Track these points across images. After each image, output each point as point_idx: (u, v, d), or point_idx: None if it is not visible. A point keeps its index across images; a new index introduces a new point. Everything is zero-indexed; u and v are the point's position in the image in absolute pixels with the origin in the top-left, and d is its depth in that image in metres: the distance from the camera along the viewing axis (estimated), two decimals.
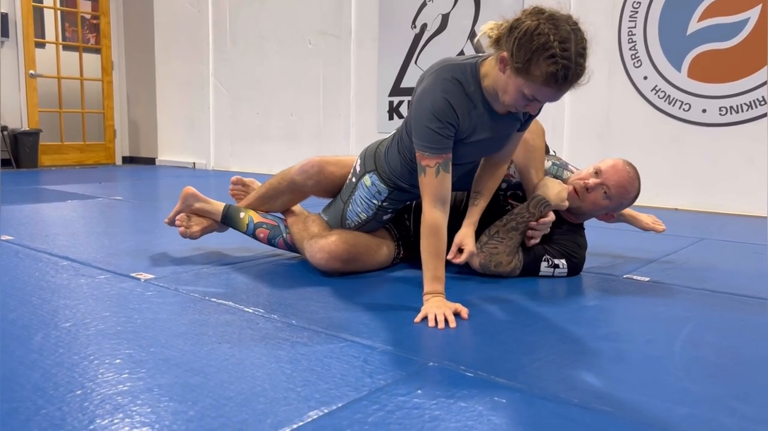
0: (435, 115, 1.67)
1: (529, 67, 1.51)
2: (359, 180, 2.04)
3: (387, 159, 1.96)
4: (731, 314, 1.74)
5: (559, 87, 1.54)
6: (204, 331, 1.49)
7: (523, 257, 2.07)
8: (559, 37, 1.48)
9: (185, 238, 2.29)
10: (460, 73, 1.70)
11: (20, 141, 6.53)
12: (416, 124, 1.72)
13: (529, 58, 1.49)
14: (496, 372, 1.28)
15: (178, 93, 7.12)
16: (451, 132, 1.70)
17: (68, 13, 7.45)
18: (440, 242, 1.71)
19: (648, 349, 1.44)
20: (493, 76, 1.67)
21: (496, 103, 1.74)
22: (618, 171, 2.08)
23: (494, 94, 1.70)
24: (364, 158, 2.05)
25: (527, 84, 1.54)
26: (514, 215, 2.03)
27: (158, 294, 1.80)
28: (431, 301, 1.66)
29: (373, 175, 2.00)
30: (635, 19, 4.13)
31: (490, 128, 1.78)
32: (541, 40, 1.48)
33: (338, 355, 1.35)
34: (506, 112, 1.77)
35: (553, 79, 1.51)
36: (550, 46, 1.47)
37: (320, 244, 2.00)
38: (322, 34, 5.80)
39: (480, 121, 1.75)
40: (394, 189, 1.99)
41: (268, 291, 1.86)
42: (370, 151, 2.05)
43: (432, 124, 1.67)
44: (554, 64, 1.49)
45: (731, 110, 3.83)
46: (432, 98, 1.68)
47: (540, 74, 1.50)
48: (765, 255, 2.57)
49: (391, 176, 1.97)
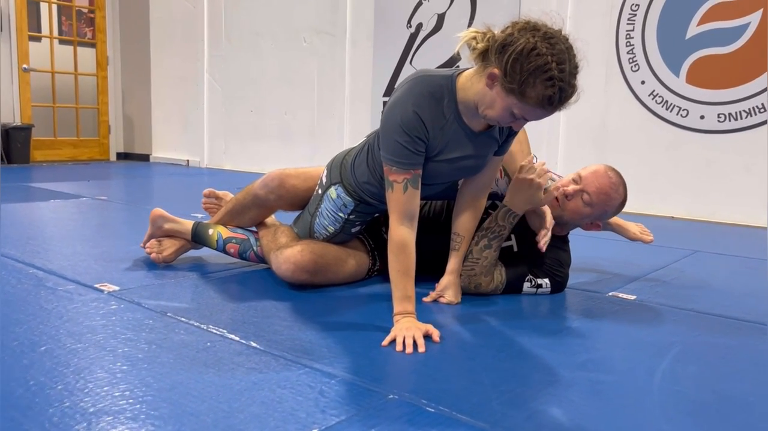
0: (403, 128, 1.59)
1: (524, 89, 1.43)
2: (325, 192, 1.95)
3: (354, 172, 1.88)
4: (717, 339, 1.66)
5: (552, 109, 1.47)
6: (156, 355, 1.40)
7: (506, 275, 1.98)
8: (556, 59, 1.40)
9: (159, 263, 2.20)
10: (434, 86, 1.61)
11: (12, 136, 6.46)
12: (384, 136, 1.63)
13: (525, 80, 1.41)
14: (460, 407, 1.19)
15: (173, 89, 7.04)
16: (420, 147, 1.61)
17: (65, 6, 7.36)
18: (409, 259, 1.63)
19: (626, 381, 1.36)
20: (474, 91, 1.58)
21: (472, 119, 1.65)
22: (599, 177, 1.97)
23: (472, 108, 1.61)
24: (330, 168, 1.97)
25: (519, 104, 1.46)
26: (485, 231, 1.92)
27: (118, 310, 1.72)
28: (401, 322, 1.58)
29: (339, 187, 1.92)
30: (633, 22, 4.04)
31: (465, 146, 1.69)
32: (539, 61, 1.40)
33: (293, 385, 1.26)
34: (482, 129, 1.68)
35: (548, 102, 1.44)
36: (548, 69, 1.40)
37: (285, 254, 1.92)
38: (317, 32, 5.71)
39: (454, 137, 1.66)
40: (360, 202, 1.90)
41: (233, 307, 1.78)
42: (336, 161, 1.97)
43: (400, 137, 1.59)
44: (551, 87, 1.41)
45: (730, 116, 3.74)
46: (402, 111, 1.59)
47: (535, 96, 1.43)
48: (760, 271, 2.49)
49: (357, 190, 1.88)
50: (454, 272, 1.91)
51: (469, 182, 1.88)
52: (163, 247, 2.22)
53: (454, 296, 1.89)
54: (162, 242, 2.23)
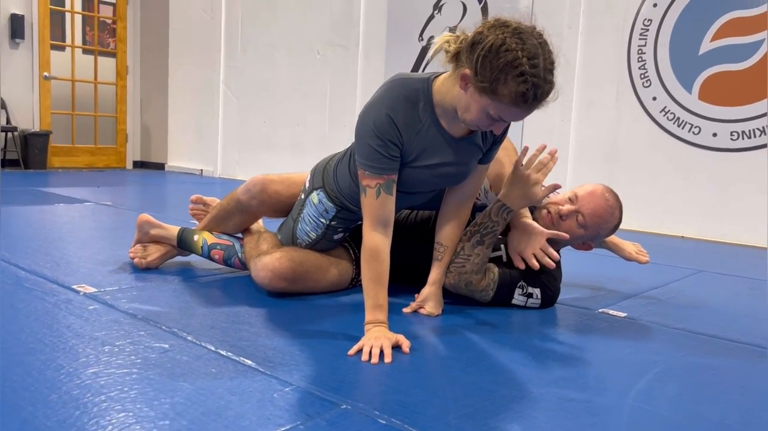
0: (376, 132, 1.54)
1: (496, 87, 1.38)
2: (307, 197, 1.92)
3: (336, 177, 1.84)
4: (704, 360, 1.58)
5: (528, 107, 1.41)
6: (110, 357, 1.37)
7: (498, 277, 1.92)
8: (527, 54, 1.35)
9: (143, 268, 2.18)
10: (410, 90, 1.58)
11: (30, 142, 6.55)
12: (358, 140, 1.60)
13: (496, 77, 1.37)
14: (414, 420, 1.14)
15: (189, 99, 7.10)
16: (394, 152, 1.57)
17: (89, 17, 7.49)
18: (381, 266, 1.58)
19: (597, 398, 1.29)
20: (452, 95, 1.54)
21: (451, 124, 1.61)
22: (595, 198, 1.91)
23: (451, 112, 1.57)
24: (314, 173, 1.93)
25: (493, 104, 1.41)
26: (477, 227, 1.85)
27: (88, 311, 1.69)
28: (371, 331, 1.53)
29: (321, 192, 1.88)
30: (645, 37, 3.97)
31: (445, 152, 1.64)
32: (508, 57, 1.35)
33: (244, 392, 1.22)
34: (463, 134, 1.63)
35: (522, 99, 1.38)
36: (519, 64, 1.35)
37: (263, 261, 1.88)
38: (331, 45, 5.72)
39: (431, 143, 1.61)
40: (342, 208, 1.86)
41: (206, 312, 1.74)
42: (320, 166, 1.93)
43: (373, 141, 1.55)
44: (524, 83, 1.36)
45: (743, 134, 3.64)
46: (375, 114, 1.55)
47: (508, 94, 1.38)
48: (763, 292, 2.39)
49: (339, 196, 1.84)
50: (436, 282, 1.86)
51: (454, 191, 1.83)
52: (147, 252, 2.20)
53: (435, 308, 1.83)
54: (147, 248, 2.21)
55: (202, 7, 6.82)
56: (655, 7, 3.93)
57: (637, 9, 4.00)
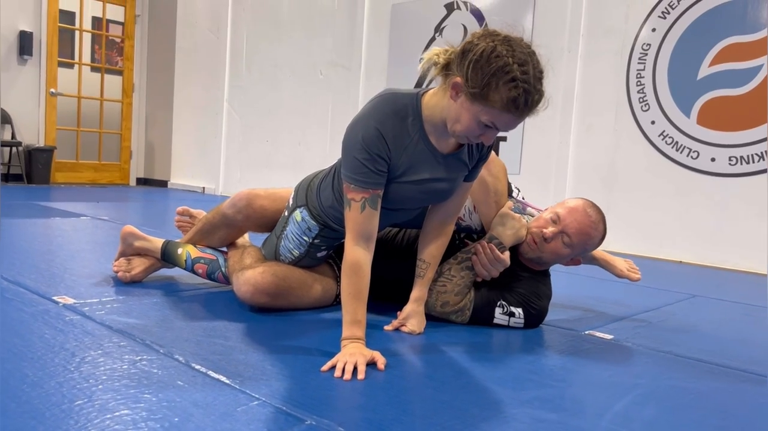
0: (364, 146, 1.53)
1: (487, 92, 1.38)
2: (290, 214, 1.90)
3: (319, 195, 1.83)
4: (688, 383, 1.54)
5: (519, 113, 1.42)
6: (83, 369, 1.35)
7: (474, 298, 1.89)
8: (518, 60, 1.37)
9: (127, 282, 2.16)
10: (399, 104, 1.57)
11: (34, 157, 6.60)
12: (345, 154, 1.58)
13: (488, 82, 1.37)
14: None
15: (194, 117, 7.15)
16: (381, 166, 1.55)
17: (98, 35, 7.58)
18: (362, 282, 1.55)
19: (571, 420, 1.26)
20: (441, 108, 1.53)
21: (439, 139, 1.60)
22: (578, 216, 1.89)
23: (440, 127, 1.56)
24: (297, 190, 1.92)
25: (485, 110, 1.41)
26: (469, 254, 1.86)
27: (66, 322, 1.67)
28: (347, 348, 1.50)
29: (304, 210, 1.86)
30: (644, 61, 3.97)
31: (434, 168, 1.63)
32: (499, 62, 1.36)
33: (208, 405, 1.20)
34: (451, 150, 1.62)
35: (513, 104, 1.39)
36: (509, 69, 1.36)
37: (246, 276, 1.86)
38: (333, 65, 5.76)
39: (420, 158, 1.60)
40: (325, 227, 1.84)
41: (183, 326, 1.72)
42: (304, 183, 1.92)
43: (360, 155, 1.53)
44: (515, 88, 1.37)
45: (741, 160, 3.62)
46: (364, 128, 1.54)
47: (499, 99, 1.38)
48: (756, 318, 2.35)
49: (321, 214, 1.83)
50: (419, 299, 1.84)
51: (437, 208, 1.81)
52: (131, 266, 2.18)
53: (417, 326, 1.81)
54: (131, 261, 2.19)
55: (209, 27, 6.90)
56: (653, 32, 3.93)
57: (636, 33, 4.01)
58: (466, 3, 4.79)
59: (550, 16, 4.36)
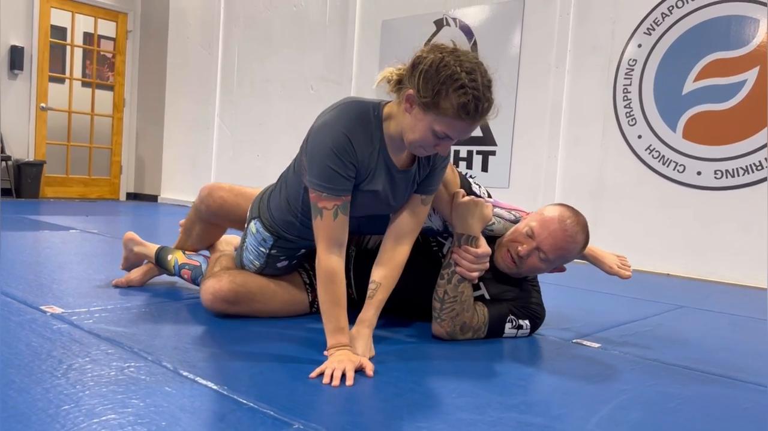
0: (335, 152, 1.52)
1: (438, 101, 1.42)
2: (247, 226, 1.93)
3: (269, 206, 1.84)
4: (673, 389, 1.56)
5: (471, 120, 1.45)
6: (70, 376, 1.35)
7: (488, 315, 1.88)
8: (465, 69, 1.42)
9: (124, 286, 2.20)
10: (363, 112, 1.58)
11: (23, 171, 6.58)
12: (313, 162, 1.56)
13: (438, 91, 1.41)
14: None
15: (184, 132, 7.16)
16: (351, 173, 1.56)
17: (89, 50, 7.60)
18: (339, 289, 1.56)
19: (556, 424, 1.27)
20: (397, 121, 1.55)
21: (397, 152, 1.61)
22: (553, 230, 1.82)
23: (396, 140, 1.58)
24: (252, 203, 1.95)
25: (437, 119, 1.44)
26: (452, 267, 1.85)
27: (54, 331, 1.67)
28: (335, 355, 1.50)
29: (257, 222, 1.88)
30: (630, 76, 4.03)
31: (387, 179, 1.63)
32: (447, 71, 1.41)
33: (196, 409, 1.20)
34: (405, 166, 1.64)
35: (464, 110, 1.42)
36: (458, 77, 1.40)
37: (207, 284, 1.89)
38: (324, 80, 5.80)
39: (378, 168, 1.61)
40: (279, 237, 1.85)
41: (171, 334, 1.73)
42: (258, 196, 1.95)
43: (331, 162, 1.53)
44: (464, 95, 1.41)
45: (727, 173, 3.66)
46: (332, 134, 1.53)
47: (450, 106, 1.41)
48: (742, 328, 2.37)
49: (274, 225, 1.84)
50: (366, 321, 1.66)
51: (393, 228, 1.75)
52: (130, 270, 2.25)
53: (362, 351, 1.59)
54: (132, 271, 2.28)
55: (200, 43, 6.93)
56: (639, 48, 4.00)
57: (622, 49, 4.07)
58: (455, 19, 4.84)
59: (538, 33, 4.42)
